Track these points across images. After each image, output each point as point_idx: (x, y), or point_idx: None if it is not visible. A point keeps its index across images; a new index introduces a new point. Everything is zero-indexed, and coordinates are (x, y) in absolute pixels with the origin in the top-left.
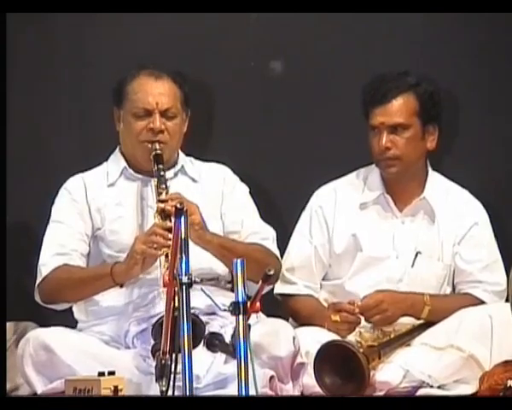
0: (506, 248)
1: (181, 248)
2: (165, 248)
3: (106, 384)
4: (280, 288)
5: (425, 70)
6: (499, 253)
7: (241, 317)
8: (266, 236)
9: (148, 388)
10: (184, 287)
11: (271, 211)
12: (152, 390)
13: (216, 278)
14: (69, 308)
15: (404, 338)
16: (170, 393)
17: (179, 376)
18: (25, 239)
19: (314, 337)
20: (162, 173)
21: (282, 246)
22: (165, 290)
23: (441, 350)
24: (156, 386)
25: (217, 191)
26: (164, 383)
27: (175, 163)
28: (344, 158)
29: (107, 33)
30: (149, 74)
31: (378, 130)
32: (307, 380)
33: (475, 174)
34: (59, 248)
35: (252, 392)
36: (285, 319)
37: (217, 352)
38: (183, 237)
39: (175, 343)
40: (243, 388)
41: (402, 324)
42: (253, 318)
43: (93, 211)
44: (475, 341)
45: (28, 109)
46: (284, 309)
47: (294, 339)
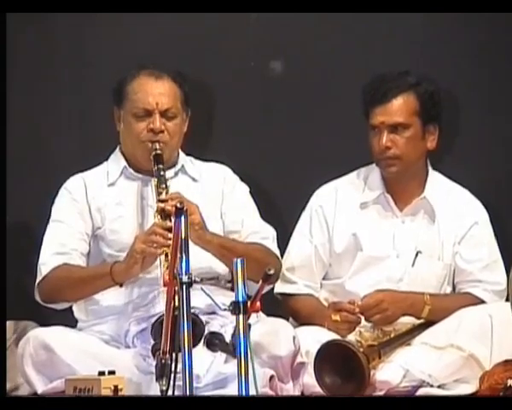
0: (506, 247)
1: (181, 247)
2: (164, 247)
3: (106, 384)
4: (280, 287)
5: (425, 70)
6: (499, 252)
7: (242, 316)
8: (266, 235)
9: (148, 387)
10: (184, 286)
11: (271, 211)
12: (152, 390)
13: (216, 278)
14: (69, 308)
15: (405, 338)
16: (170, 392)
17: (179, 375)
18: (25, 239)
19: (314, 337)
20: (162, 173)
21: (283, 246)
22: (165, 290)
23: (441, 350)
24: (156, 385)
25: (217, 191)
26: (164, 382)
27: (175, 163)
28: (344, 158)
29: (107, 33)
30: (149, 74)
31: (378, 129)
32: (307, 379)
33: (475, 174)
34: (59, 247)
35: (252, 392)
36: (285, 319)
37: (217, 351)
38: (183, 237)
39: (175, 343)
40: (243, 387)
41: (402, 323)
42: (254, 317)
43: (93, 210)
44: (475, 340)
45: (28, 109)
46: (284, 309)
47: (294, 338)
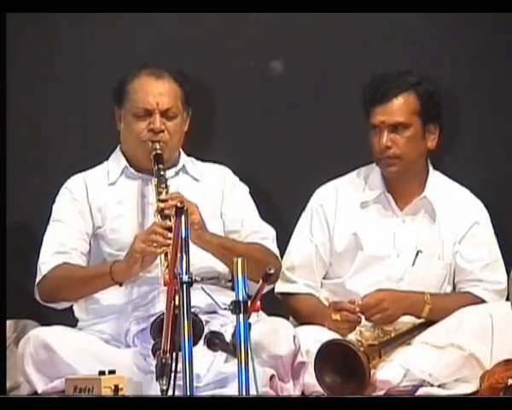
0: (506, 247)
1: (181, 247)
2: (164, 246)
3: (106, 383)
4: (280, 287)
5: (425, 70)
6: (499, 252)
7: (242, 316)
8: (266, 235)
9: (149, 387)
10: (185, 286)
11: (271, 211)
12: (152, 389)
13: (216, 277)
14: (69, 307)
15: (405, 337)
16: (170, 392)
17: (180, 375)
18: (25, 239)
19: (314, 336)
20: (162, 173)
21: (283, 245)
22: (165, 289)
23: (442, 349)
24: (156, 385)
25: (217, 191)
26: (164, 382)
27: (176, 162)
28: (344, 158)
29: (107, 33)
30: (150, 74)
31: (378, 129)
32: (308, 379)
33: (475, 174)
34: (59, 246)
35: (252, 391)
36: (286, 318)
37: (217, 351)
38: (184, 236)
39: (175, 342)
40: (244, 387)
41: (402, 323)
42: (254, 316)
43: (94, 210)
44: (476, 340)
45: (28, 109)
46: (285, 308)
47: (295, 338)
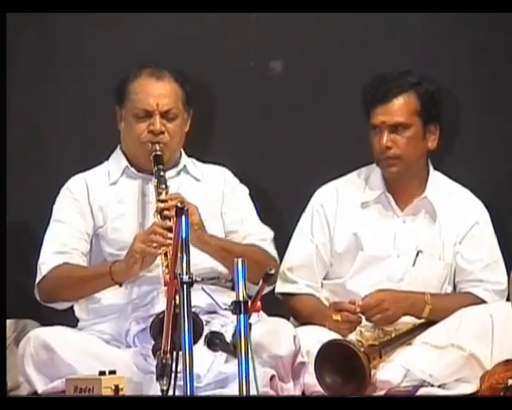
0: (507, 247)
1: (182, 247)
2: (164, 247)
3: (107, 384)
4: (281, 287)
5: (425, 70)
6: (500, 252)
7: (242, 316)
8: (264, 237)
9: (149, 387)
10: (185, 286)
11: (271, 211)
12: (152, 389)
13: (217, 277)
14: (70, 307)
15: (405, 337)
16: (170, 392)
17: (180, 375)
18: (25, 239)
19: (315, 336)
20: (162, 174)
21: (283, 246)
22: (165, 289)
23: (442, 349)
24: (156, 385)
25: (217, 191)
26: (165, 382)
27: (177, 163)
28: (344, 158)
29: (107, 33)
30: (150, 74)
31: (379, 129)
32: (308, 379)
33: (475, 174)
34: (59, 246)
35: (252, 391)
36: (286, 319)
37: (217, 351)
38: (184, 236)
39: (175, 342)
40: (244, 387)
41: (403, 323)
42: (254, 317)
43: (95, 209)
44: (476, 340)
45: (28, 109)
46: (285, 308)
47: (295, 338)
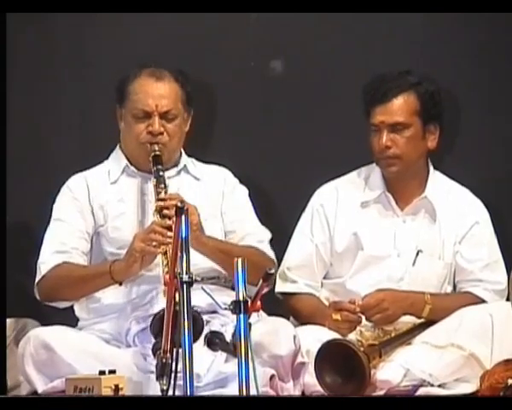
0: (506, 247)
1: (181, 246)
2: (164, 245)
3: (106, 383)
4: (281, 286)
5: (425, 70)
6: (500, 252)
7: (242, 316)
8: (262, 238)
9: (149, 386)
10: (185, 286)
11: (271, 211)
12: (152, 389)
13: (217, 277)
14: (70, 306)
15: (405, 337)
16: (170, 392)
17: (180, 375)
18: (25, 239)
19: (315, 336)
20: (161, 174)
21: (283, 246)
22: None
23: (442, 349)
24: (156, 384)
25: (217, 191)
26: (165, 381)
27: (177, 162)
28: (344, 158)
29: (107, 33)
30: (150, 75)
31: (378, 129)
32: (308, 379)
33: (475, 174)
34: (59, 246)
35: (252, 391)
36: (286, 318)
37: (217, 351)
38: (184, 236)
39: (175, 342)
40: (244, 387)
41: (403, 322)
42: (254, 316)
43: (95, 209)
44: (476, 339)
45: (28, 109)
46: (285, 308)
47: (295, 338)
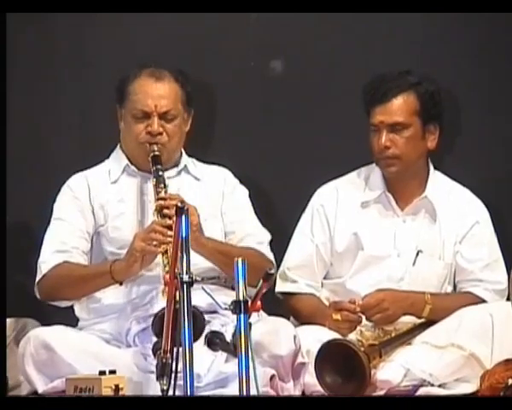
0: (507, 247)
1: (182, 246)
2: (164, 245)
3: (107, 383)
4: (281, 286)
5: (425, 70)
6: (500, 252)
7: (242, 315)
8: (262, 239)
9: (149, 386)
10: (185, 286)
11: (271, 211)
12: (152, 389)
13: (217, 277)
14: (70, 306)
15: (405, 337)
16: (171, 392)
17: (180, 375)
18: (25, 239)
19: (315, 336)
20: (161, 174)
21: (283, 246)
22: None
23: (442, 349)
24: (156, 384)
25: (218, 191)
26: (165, 381)
27: (178, 162)
28: (344, 158)
29: (107, 33)
30: (150, 75)
31: (378, 129)
32: (308, 379)
33: (475, 174)
34: (59, 245)
35: (253, 391)
36: (286, 318)
37: (218, 351)
38: (184, 236)
39: (176, 342)
40: (244, 387)
41: (403, 322)
42: (254, 316)
43: (96, 208)
44: (476, 339)
45: (28, 109)
46: (285, 308)
47: (295, 338)
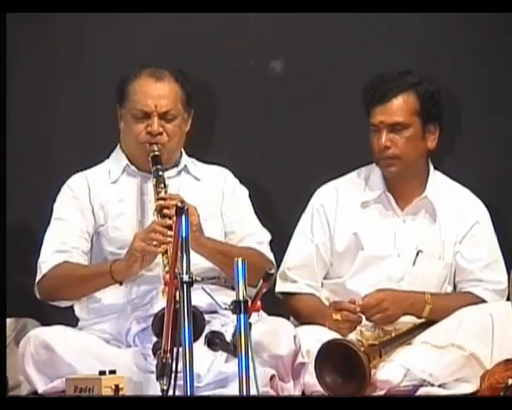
0: (507, 247)
1: (182, 246)
2: (164, 245)
3: (107, 383)
4: (281, 286)
5: (425, 70)
6: (500, 252)
7: (242, 315)
8: (262, 240)
9: (149, 386)
10: (185, 286)
11: (271, 211)
12: (152, 389)
13: (217, 277)
14: (70, 306)
15: (405, 337)
16: (171, 392)
17: (180, 375)
18: (25, 239)
19: (315, 336)
20: (161, 174)
21: (283, 246)
22: (164, 289)
23: (442, 349)
24: (156, 384)
25: (218, 191)
26: (165, 381)
27: (178, 162)
28: (344, 158)
29: (107, 33)
30: (150, 75)
31: (378, 129)
32: (308, 379)
33: (475, 174)
34: (59, 245)
35: (253, 391)
36: (286, 318)
37: (218, 351)
38: (184, 236)
39: (176, 342)
40: (244, 387)
41: (403, 322)
42: (254, 316)
43: (96, 208)
44: (476, 339)
45: (28, 109)
46: (285, 308)
47: (295, 338)
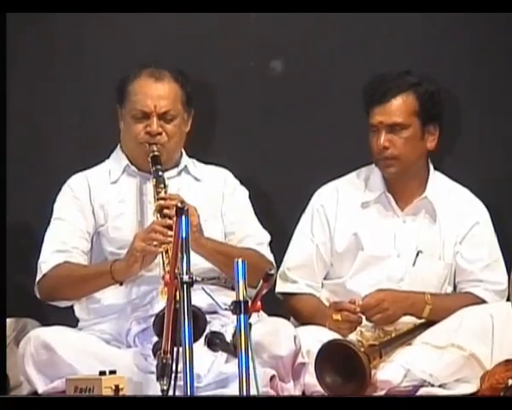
0: (507, 247)
1: (182, 247)
2: (164, 245)
3: (107, 384)
4: (281, 287)
5: (425, 70)
6: (500, 252)
7: (242, 316)
8: (262, 240)
9: (149, 387)
10: (185, 286)
11: (272, 211)
12: (152, 389)
13: (217, 277)
14: (70, 306)
15: (405, 337)
16: (171, 392)
17: (180, 375)
18: (25, 239)
19: (315, 336)
20: (160, 174)
21: (283, 246)
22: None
23: (442, 349)
24: (156, 385)
25: (218, 192)
26: (165, 382)
27: (178, 163)
28: (344, 158)
29: (107, 33)
30: (150, 75)
31: (377, 129)
32: (308, 379)
33: (475, 174)
34: (60, 245)
35: (253, 391)
36: (286, 318)
37: (218, 351)
38: (184, 236)
39: (176, 342)
40: (244, 387)
41: (403, 323)
42: (254, 317)
43: (96, 208)
44: (476, 340)
45: (28, 109)
46: (285, 308)
47: (295, 338)
